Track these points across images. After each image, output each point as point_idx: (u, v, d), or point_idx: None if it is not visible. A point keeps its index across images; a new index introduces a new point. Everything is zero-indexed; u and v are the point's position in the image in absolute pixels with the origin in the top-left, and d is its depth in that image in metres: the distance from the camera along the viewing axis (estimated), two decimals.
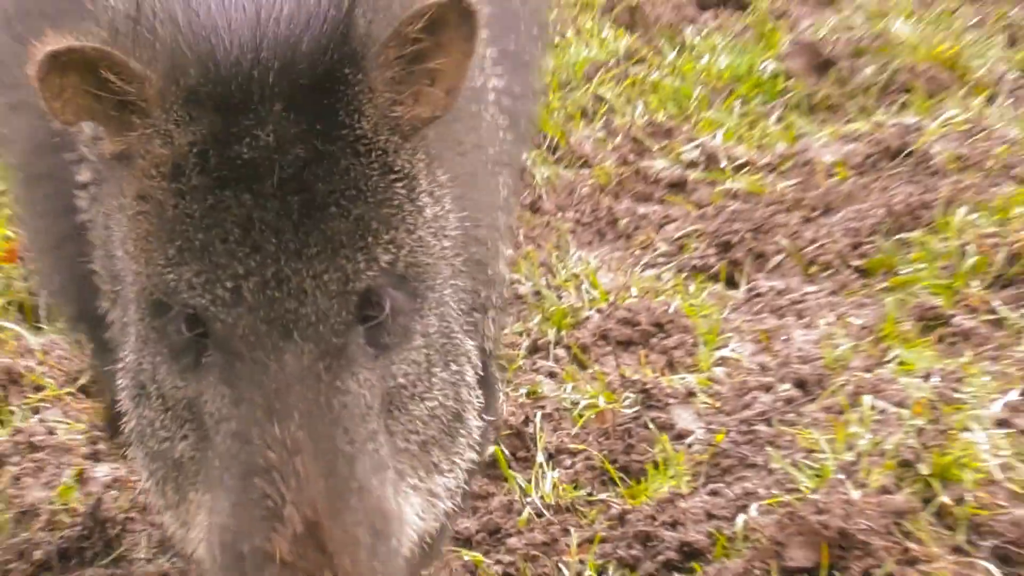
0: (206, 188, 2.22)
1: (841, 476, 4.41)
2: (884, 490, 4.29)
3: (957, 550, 4.04)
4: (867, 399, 4.74)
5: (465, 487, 2.76)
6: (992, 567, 4.01)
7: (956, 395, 4.68)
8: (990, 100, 6.19)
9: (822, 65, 6.53)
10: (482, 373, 2.73)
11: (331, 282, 2.24)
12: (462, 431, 2.53)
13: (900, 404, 4.69)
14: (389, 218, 2.30)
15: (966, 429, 4.48)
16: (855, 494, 4.28)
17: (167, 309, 2.30)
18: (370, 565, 2.16)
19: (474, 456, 2.62)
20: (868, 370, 4.93)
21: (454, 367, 2.51)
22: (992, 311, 5.10)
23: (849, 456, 4.51)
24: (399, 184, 2.33)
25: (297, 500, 2.10)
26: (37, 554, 4.46)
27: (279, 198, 2.22)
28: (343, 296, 2.25)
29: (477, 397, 2.64)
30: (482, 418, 2.73)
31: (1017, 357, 4.84)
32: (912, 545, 4.06)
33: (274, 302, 2.20)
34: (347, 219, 2.25)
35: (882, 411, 4.67)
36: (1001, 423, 4.53)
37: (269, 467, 2.13)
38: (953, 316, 5.10)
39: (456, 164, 2.57)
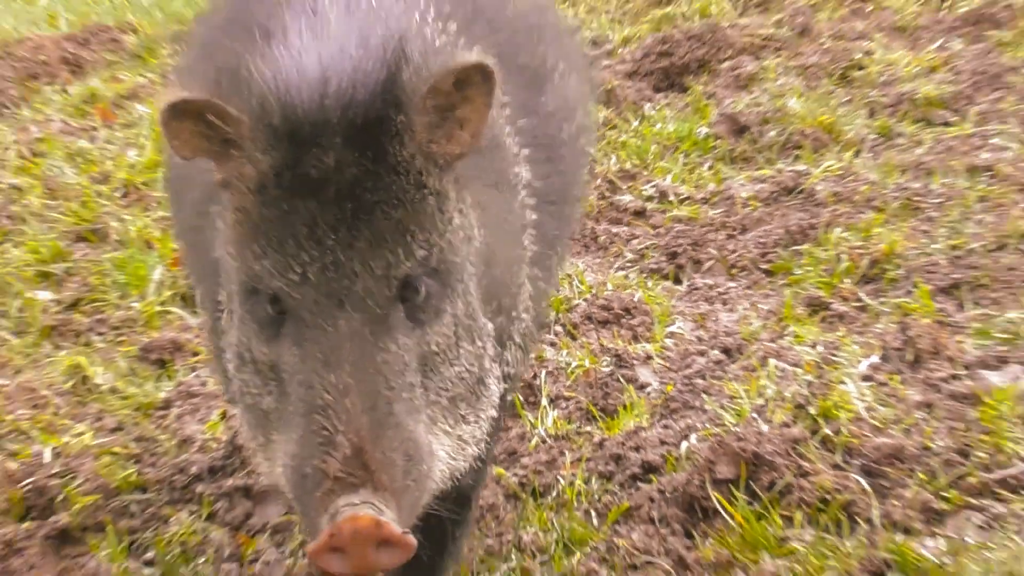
0: (282, 198, 2.31)
1: (754, 415, 4.48)
2: (784, 425, 4.37)
3: (836, 467, 4.13)
4: (772, 361, 4.82)
5: (489, 438, 2.76)
6: (860, 478, 4.08)
7: (834, 358, 4.75)
8: (856, 154, 6.21)
9: (739, 130, 6.53)
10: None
11: (376, 268, 2.29)
12: (484, 392, 2.55)
13: (795, 364, 4.76)
14: (423, 223, 2.35)
15: (841, 382, 4.55)
16: (764, 427, 4.37)
17: (256, 293, 2.37)
18: (404, 482, 2.21)
19: (494, 413, 2.63)
20: (772, 341, 5.00)
21: (478, 342, 2.53)
22: (859, 300, 5.16)
23: (760, 401, 4.58)
24: (431, 198, 2.38)
25: (346, 430, 2.17)
26: (193, 469, 4.53)
27: (336, 205, 2.29)
28: (385, 279, 2.31)
29: (497, 368, 2.66)
30: (504, 382, 2.77)
31: (876, 332, 4.91)
32: (804, 463, 4.13)
33: (331, 281, 2.27)
34: (389, 221, 2.31)
35: (783, 370, 4.74)
36: (866, 378, 4.62)
37: (325, 405, 2.20)
38: (831, 303, 5.16)
39: (484, 201, 2.62)
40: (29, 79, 8.73)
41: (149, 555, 4.32)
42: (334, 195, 2.29)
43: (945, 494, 4.07)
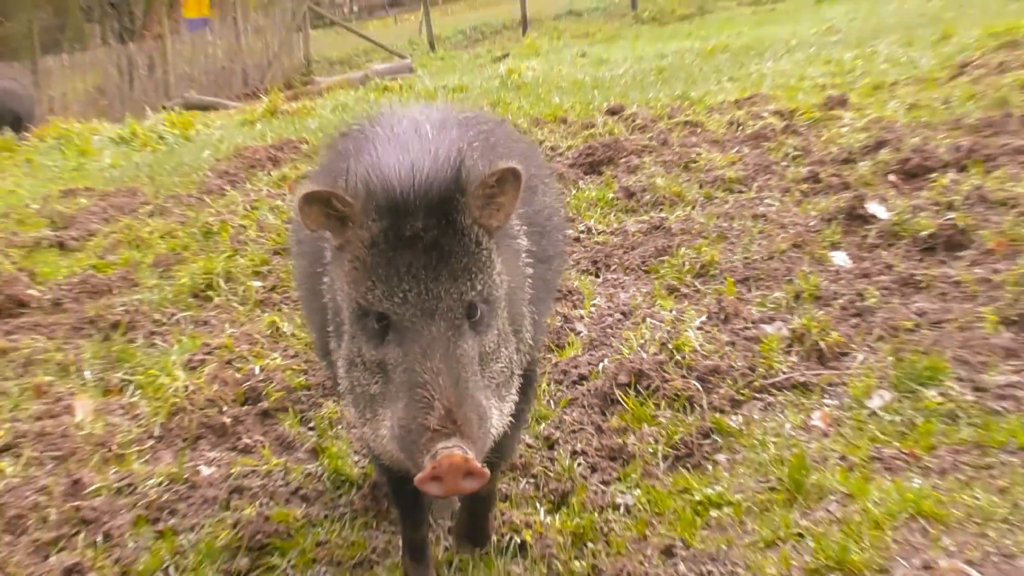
0: (387, 250, 2.18)
1: (639, 348, 4.40)
2: (655, 353, 4.30)
3: (683, 376, 4.04)
4: (648, 319, 4.72)
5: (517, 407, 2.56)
6: (696, 383, 4.02)
7: (681, 318, 4.63)
8: (693, 208, 6.16)
9: (630, 195, 6.47)
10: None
11: (452, 294, 2.16)
12: (512, 381, 2.40)
13: (661, 321, 4.63)
14: (480, 268, 2.23)
15: (686, 331, 4.44)
16: (644, 355, 4.29)
17: (366, 313, 2.21)
18: (478, 433, 2.08)
19: (516, 396, 2.45)
20: (648, 308, 4.91)
21: (510, 348, 2.39)
22: (695, 287, 5.07)
23: (642, 340, 4.48)
24: (484, 252, 2.25)
25: (440, 398, 2.03)
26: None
27: (425, 253, 2.16)
28: (459, 302, 2.17)
29: (519, 366, 2.49)
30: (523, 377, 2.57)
31: (704, 303, 4.83)
32: (666, 375, 4.04)
33: (425, 302, 2.14)
34: (459, 265, 2.19)
35: (654, 324, 4.60)
36: (699, 328, 4.55)
37: (424, 382, 2.06)
38: (680, 288, 5.08)
39: (505, 258, 2.44)
40: (250, 168, 8.72)
41: (311, 424, 4.29)
42: (422, 247, 2.17)
43: (742, 392, 4.04)
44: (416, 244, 2.19)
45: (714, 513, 3.29)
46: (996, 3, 13.83)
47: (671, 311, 4.82)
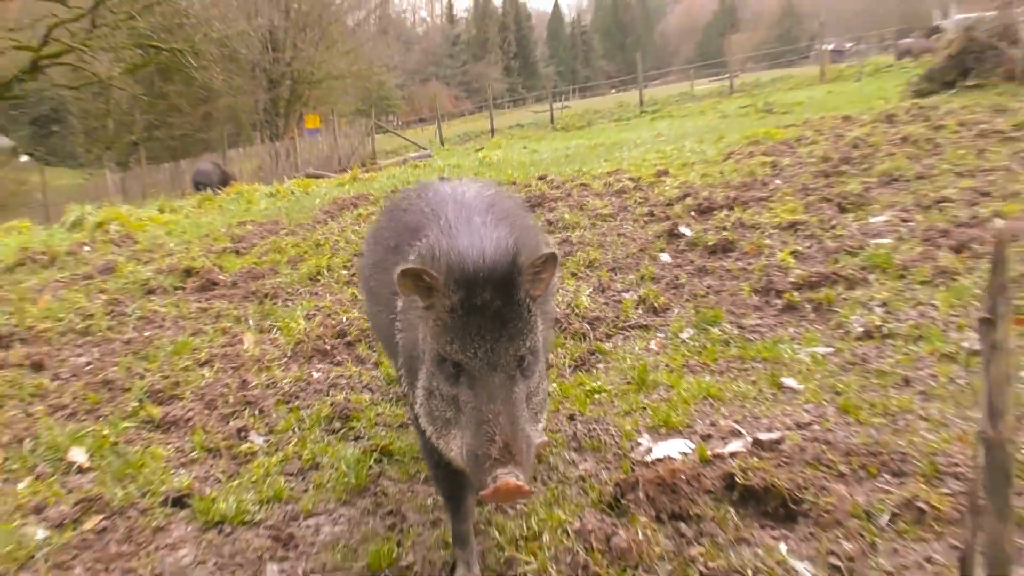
0: (462, 316, 1.69)
1: (556, 304, 4.36)
2: (564, 309, 4.17)
3: (579, 322, 3.95)
4: (560, 291, 4.58)
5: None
6: (587, 325, 3.93)
7: (578, 290, 4.53)
8: (585, 230, 6.06)
9: (550, 223, 6.37)
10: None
11: (509, 351, 1.68)
12: (545, 404, 1.86)
13: (567, 291, 4.52)
14: (528, 329, 1.72)
15: (581, 296, 4.36)
16: (559, 309, 4.17)
17: (444, 360, 1.72)
18: (527, 460, 1.61)
19: (546, 414, 1.95)
20: (560, 285, 4.74)
21: (545, 383, 1.88)
22: (586, 273, 4.96)
23: (556, 303, 4.46)
24: (531, 316, 1.74)
25: (500, 432, 1.59)
26: None
27: (491, 319, 1.68)
28: (514, 357, 1.68)
29: (548, 399, 2.01)
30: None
31: (592, 281, 4.70)
32: (571, 321, 4.00)
33: (490, 357, 1.66)
34: (515, 328, 1.69)
35: (564, 293, 4.48)
36: (589, 296, 4.42)
37: (488, 420, 1.61)
38: (577, 273, 4.95)
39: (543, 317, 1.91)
40: (341, 209, 8.43)
41: (374, 349, 4.12)
42: (489, 315, 1.69)
43: (612, 330, 3.93)
44: (484, 312, 1.72)
45: (597, 396, 3.22)
46: (749, 120, 13.91)
47: (573, 286, 4.71)
